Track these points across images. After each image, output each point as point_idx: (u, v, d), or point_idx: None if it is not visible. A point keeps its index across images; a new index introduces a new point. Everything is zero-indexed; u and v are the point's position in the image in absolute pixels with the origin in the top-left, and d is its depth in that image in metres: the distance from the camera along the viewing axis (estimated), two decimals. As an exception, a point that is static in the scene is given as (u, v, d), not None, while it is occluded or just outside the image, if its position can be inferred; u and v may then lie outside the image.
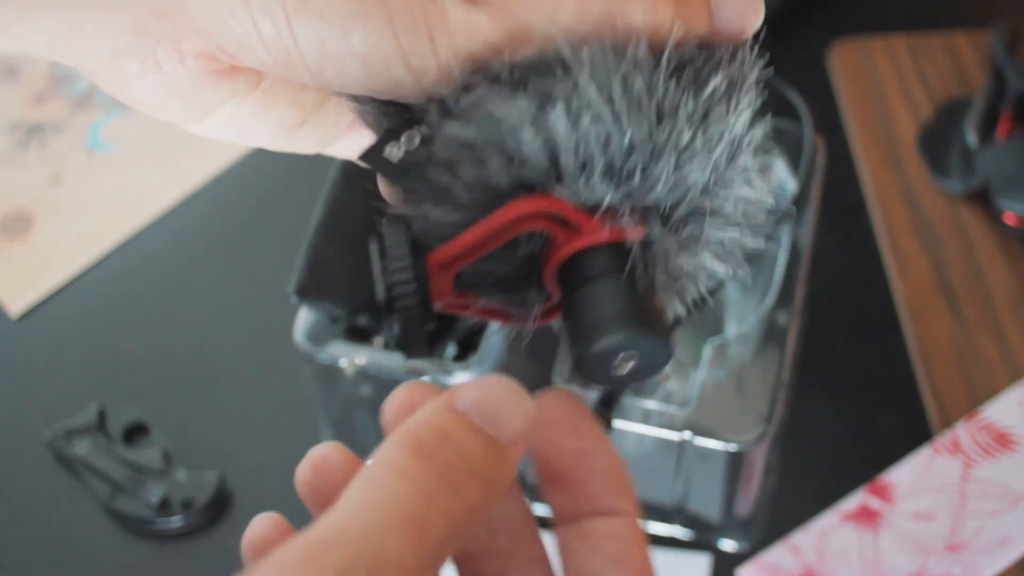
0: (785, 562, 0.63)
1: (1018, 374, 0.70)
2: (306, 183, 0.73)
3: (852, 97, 0.85)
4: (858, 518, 0.64)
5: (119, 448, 0.70)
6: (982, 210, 0.78)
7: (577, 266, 0.29)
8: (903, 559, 0.62)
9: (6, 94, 0.89)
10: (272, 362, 0.75)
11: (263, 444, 0.72)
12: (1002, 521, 0.63)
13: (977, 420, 0.67)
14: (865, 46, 0.88)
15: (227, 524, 0.68)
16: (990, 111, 0.78)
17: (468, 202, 0.29)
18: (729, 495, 0.63)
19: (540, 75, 0.28)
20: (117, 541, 0.69)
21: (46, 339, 0.78)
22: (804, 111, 0.63)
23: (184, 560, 0.68)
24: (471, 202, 0.29)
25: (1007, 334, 0.73)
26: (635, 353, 0.28)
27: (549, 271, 0.30)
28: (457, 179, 0.28)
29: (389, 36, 0.29)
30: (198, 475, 0.69)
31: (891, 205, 0.79)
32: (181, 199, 0.83)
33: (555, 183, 0.28)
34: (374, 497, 0.25)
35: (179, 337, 0.78)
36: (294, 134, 0.35)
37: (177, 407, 0.74)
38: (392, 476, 0.26)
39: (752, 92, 0.30)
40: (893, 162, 0.82)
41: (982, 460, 0.65)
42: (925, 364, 0.72)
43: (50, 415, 0.72)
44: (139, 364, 0.76)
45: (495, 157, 0.28)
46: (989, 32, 0.85)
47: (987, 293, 0.75)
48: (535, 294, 0.31)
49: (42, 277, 0.80)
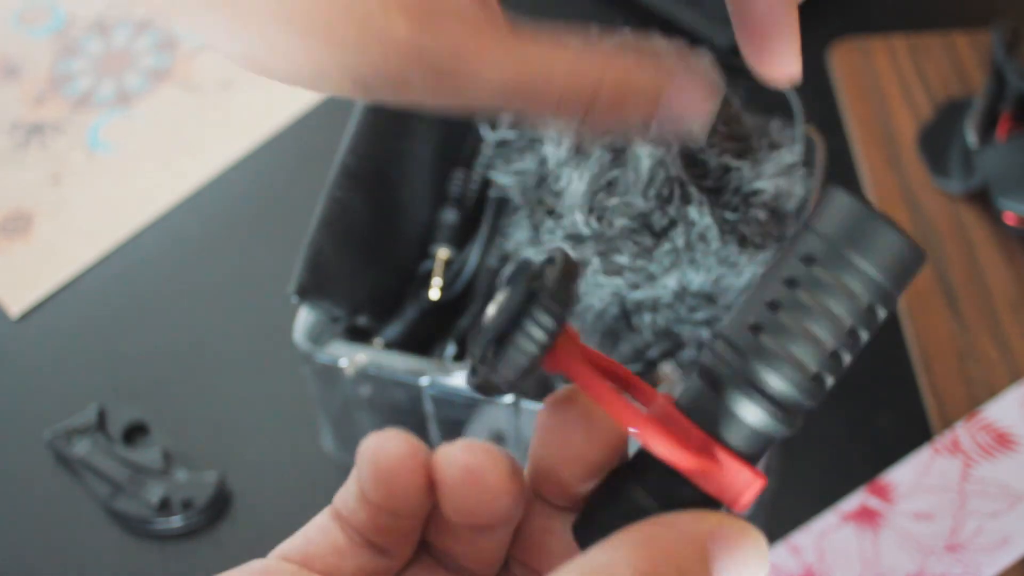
0: (785, 562, 0.63)
1: (1018, 374, 0.70)
2: (306, 183, 0.73)
3: (852, 97, 0.85)
4: (858, 518, 0.64)
5: (119, 448, 0.70)
6: (982, 210, 0.78)
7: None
8: (903, 559, 0.62)
9: (6, 94, 0.89)
10: (272, 362, 0.75)
11: (263, 444, 0.72)
12: (1002, 521, 0.63)
13: (977, 420, 0.67)
14: (865, 46, 0.88)
15: (227, 524, 0.68)
16: (990, 111, 0.78)
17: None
18: (729, 495, 0.63)
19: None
20: (117, 541, 0.69)
21: (46, 339, 0.78)
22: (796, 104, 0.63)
23: (184, 560, 0.68)
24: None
25: (1007, 334, 0.73)
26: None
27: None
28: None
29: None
30: (198, 475, 0.69)
31: (891, 205, 0.79)
32: (181, 199, 0.83)
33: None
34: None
35: (179, 337, 0.78)
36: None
37: (177, 407, 0.74)
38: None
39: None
40: (893, 162, 0.82)
41: (982, 460, 0.65)
42: (925, 364, 0.72)
43: (50, 415, 0.72)
44: (139, 364, 0.76)
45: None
46: (989, 32, 0.85)
47: (987, 293, 0.75)
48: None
49: (42, 277, 0.80)
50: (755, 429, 0.27)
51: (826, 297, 0.26)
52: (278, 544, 0.29)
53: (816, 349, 0.27)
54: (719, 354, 0.27)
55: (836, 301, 0.26)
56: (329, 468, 0.69)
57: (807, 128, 0.64)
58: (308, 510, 0.30)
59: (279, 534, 0.29)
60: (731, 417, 0.27)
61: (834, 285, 0.26)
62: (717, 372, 0.27)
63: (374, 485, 0.27)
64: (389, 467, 0.27)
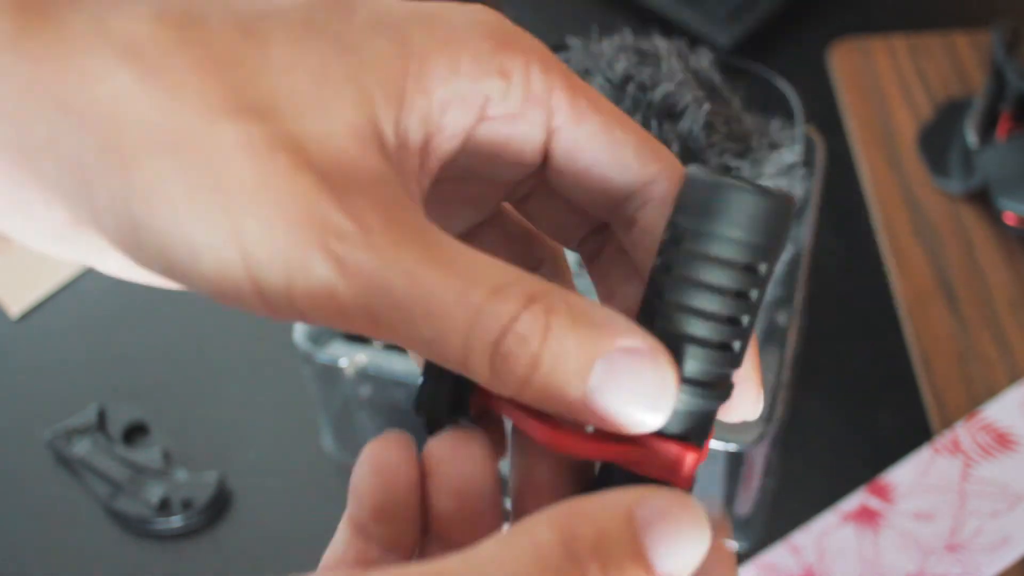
0: (785, 562, 0.63)
1: (1018, 374, 0.70)
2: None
3: (852, 97, 0.85)
4: (858, 518, 0.64)
5: (119, 448, 0.70)
6: (982, 210, 0.78)
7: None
8: (903, 559, 0.62)
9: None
10: (272, 362, 0.75)
11: (263, 444, 0.72)
12: (1002, 521, 0.63)
13: (977, 420, 0.67)
14: (865, 46, 0.88)
15: (227, 524, 0.68)
16: (990, 111, 0.78)
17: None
18: (729, 495, 0.63)
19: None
20: (117, 541, 0.69)
21: (46, 339, 0.78)
22: (796, 104, 0.64)
23: (184, 560, 0.68)
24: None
25: (1007, 334, 0.73)
26: None
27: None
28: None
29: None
30: (198, 475, 0.69)
31: (891, 205, 0.80)
32: (181, 199, 0.83)
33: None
34: (500, 561, 0.23)
35: (179, 337, 0.78)
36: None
37: (177, 407, 0.74)
38: (527, 552, 0.23)
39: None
40: (893, 162, 0.82)
41: (982, 460, 0.65)
42: (925, 364, 0.72)
43: (50, 415, 0.73)
44: (139, 364, 0.76)
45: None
46: (989, 32, 0.85)
47: (987, 293, 0.75)
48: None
49: (42, 277, 0.80)
50: (682, 411, 0.28)
51: (700, 271, 0.27)
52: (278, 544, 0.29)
53: (709, 322, 0.27)
54: None
55: (710, 271, 0.27)
56: (329, 468, 0.69)
57: (807, 128, 0.65)
58: (308, 510, 0.30)
59: (279, 534, 0.30)
60: (702, 417, 0.28)
61: (704, 257, 0.27)
62: None
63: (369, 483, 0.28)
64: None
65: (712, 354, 0.27)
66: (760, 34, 0.89)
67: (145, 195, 0.25)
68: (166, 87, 0.25)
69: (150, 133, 0.25)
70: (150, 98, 0.25)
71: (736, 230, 0.27)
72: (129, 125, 0.25)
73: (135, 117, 0.25)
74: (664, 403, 0.26)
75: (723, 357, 0.28)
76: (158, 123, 0.25)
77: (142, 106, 0.25)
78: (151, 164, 0.25)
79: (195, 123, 0.25)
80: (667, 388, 0.26)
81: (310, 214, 0.25)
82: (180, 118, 0.25)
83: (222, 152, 0.25)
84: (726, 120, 0.57)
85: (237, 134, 0.25)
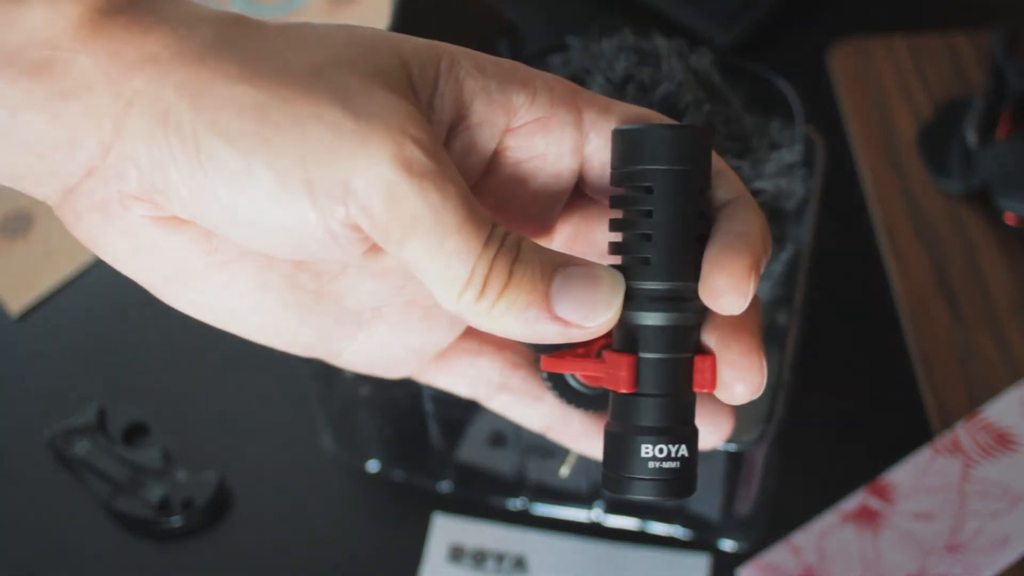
0: (785, 562, 0.63)
1: (1018, 374, 0.70)
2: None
3: (852, 97, 0.85)
4: (858, 518, 0.64)
5: (119, 448, 0.70)
6: (982, 210, 0.78)
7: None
8: (903, 559, 0.62)
9: (6, 94, 0.89)
10: (272, 362, 0.75)
11: (263, 444, 0.72)
12: (1002, 521, 0.63)
13: (977, 420, 0.67)
14: (865, 46, 0.88)
15: (227, 524, 0.68)
16: (990, 111, 0.78)
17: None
18: (729, 495, 0.63)
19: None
20: (117, 541, 0.69)
21: (46, 338, 0.78)
22: (796, 104, 0.63)
23: (184, 560, 0.68)
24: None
25: (1007, 334, 0.73)
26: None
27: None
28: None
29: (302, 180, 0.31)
30: (198, 475, 0.69)
31: (891, 205, 0.80)
32: (181, 199, 0.83)
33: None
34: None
35: (179, 337, 0.77)
36: (288, 320, 0.38)
37: (177, 407, 0.74)
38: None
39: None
40: (893, 162, 0.82)
41: (982, 460, 0.65)
42: (925, 364, 0.72)
43: (50, 415, 0.73)
44: (139, 364, 0.76)
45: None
46: (989, 32, 0.85)
47: (987, 293, 0.75)
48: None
49: (42, 277, 0.80)
50: (655, 326, 0.33)
51: (640, 203, 0.33)
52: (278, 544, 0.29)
53: (660, 245, 0.33)
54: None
55: (648, 201, 0.33)
56: (329, 468, 0.69)
57: (807, 128, 0.64)
58: (308, 510, 0.30)
59: (279, 534, 0.30)
60: (637, 329, 0.33)
61: (641, 189, 0.33)
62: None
63: None
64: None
65: (643, 269, 0.33)
66: (760, 34, 0.89)
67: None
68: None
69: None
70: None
71: (661, 161, 0.32)
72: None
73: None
74: (611, 305, 0.32)
75: (647, 271, 0.33)
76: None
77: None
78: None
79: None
80: (613, 293, 0.32)
81: (399, 120, 0.30)
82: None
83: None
84: (726, 120, 0.57)
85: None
